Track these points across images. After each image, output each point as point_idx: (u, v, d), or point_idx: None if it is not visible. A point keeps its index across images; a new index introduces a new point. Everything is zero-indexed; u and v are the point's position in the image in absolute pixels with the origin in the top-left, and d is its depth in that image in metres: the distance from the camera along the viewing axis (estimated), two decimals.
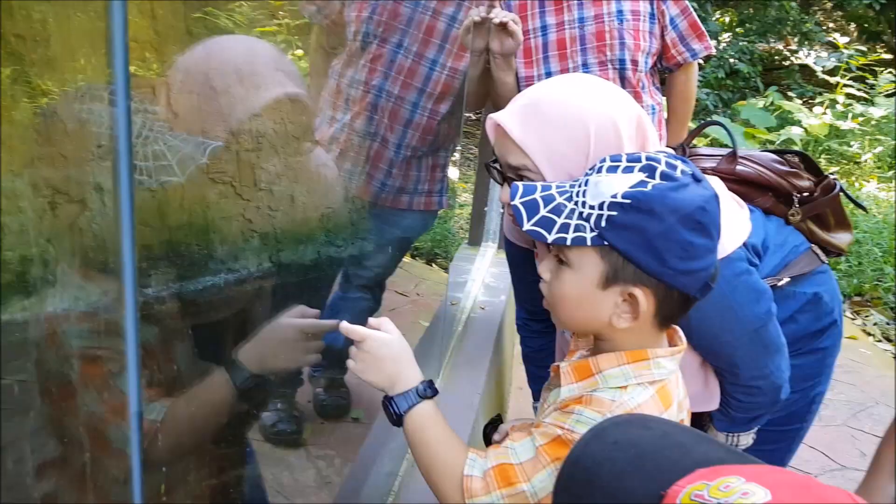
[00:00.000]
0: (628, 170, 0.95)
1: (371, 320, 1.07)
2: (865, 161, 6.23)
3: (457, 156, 5.21)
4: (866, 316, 4.13)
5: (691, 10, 2.15)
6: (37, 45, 0.89)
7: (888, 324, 4.05)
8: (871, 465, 1.24)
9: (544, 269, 1.03)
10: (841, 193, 1.45)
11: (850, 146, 6.38)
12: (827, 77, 7.01)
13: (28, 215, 0.89)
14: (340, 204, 1.75)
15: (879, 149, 6.23)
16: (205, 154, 1.04)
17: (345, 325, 1.06)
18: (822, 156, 6.35)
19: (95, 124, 0.93)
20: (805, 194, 1.41)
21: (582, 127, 1.09)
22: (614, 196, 0.93)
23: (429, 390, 1.05)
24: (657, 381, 0.99)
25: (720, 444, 0.77)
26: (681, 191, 0.93)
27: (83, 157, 0.95)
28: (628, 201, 0.92)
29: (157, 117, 0.99)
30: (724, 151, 1.46)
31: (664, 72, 2.26)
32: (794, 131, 6.30)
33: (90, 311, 0.92)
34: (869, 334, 3.94)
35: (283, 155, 1.21)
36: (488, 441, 1.20)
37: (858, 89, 6.81)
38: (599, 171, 0.97)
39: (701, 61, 2.41)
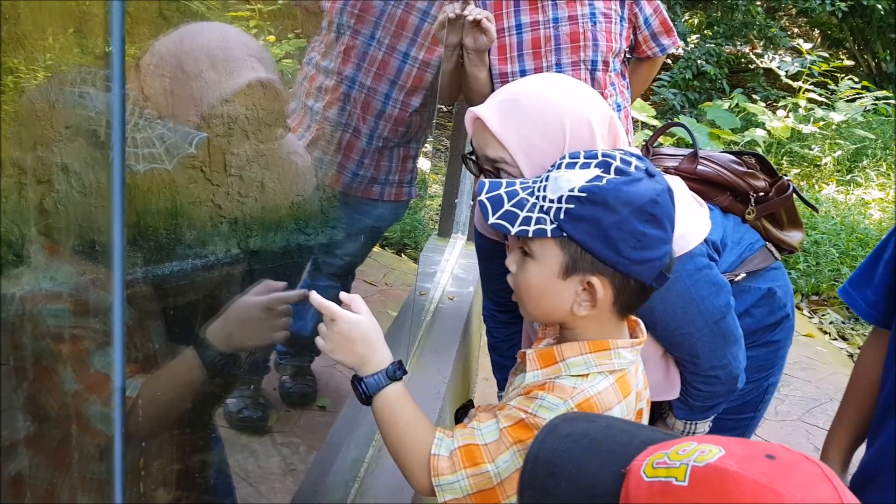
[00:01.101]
0: (585, 165, 1.00)
1: (343, 296, 1.09)
2: (825, 164, 6.39)
3: (429, 147, 5.22)
4: (823, 315, 4.26)
5: (662, 8, 2.22)
6: (5, 22, 0.88)
7: (843, 322, 4.18)
8: (821, 456, 1.31)
9: (511, 261, 1.07)
10: (794, 194, 1.51)
11: (811, 149, 6.54)
12: (790, 81, 7.16)
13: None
14: (312, 192, 1.76)
15: (838, 153, 6.40)
16: (193, 144, 1.06)
17: (315, 298, 1.07)
18: (784, 158, 6.50)
19: (66, 105, 0.94)
20: (761, 194, 1.47)
21: (558, 124, 1.14)
22: (571, 190, 0.98)
23: (399, 371, 1.08)
24: (617, 371, 1.04)
25: (659, 429, 0.82)
26: (634, 184, 0.98)
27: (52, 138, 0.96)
28: (584, 194, 0.97)
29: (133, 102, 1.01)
30: (686, 152, 1.51)
31: (630, 60, 2.33)
32: (758, 133, 6.44)
33: (68, 291, 0.93)
34: (825, 332, 4.06)
35: (254, 141, 1.22)
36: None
37: (820, 94, 6.98)
38: (559, 167, 1.02)
39: (669, 61, 2.48)
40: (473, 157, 1.23)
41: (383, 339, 1.09)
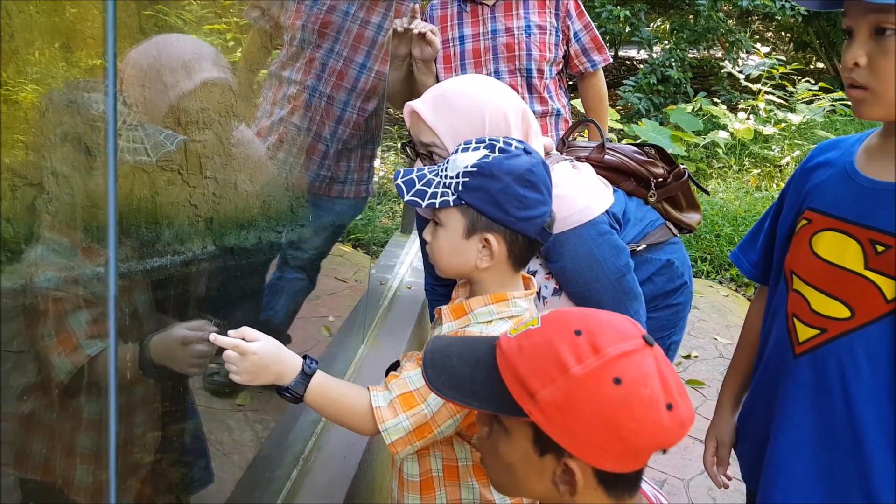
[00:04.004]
0: (476, 148, 1.25)
1: (232, 333, 1.18)
2: (786, 164, 6.67)
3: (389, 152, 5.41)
4: None
5: (593, 25, 2.46)
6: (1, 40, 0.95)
7: None
8: (717, 402, 1.52)
9: (427, 232, 1.31)
10: (689, 180, 1.75)
11: (772, 150, 6.80)
12: (749, 84, 7.43)
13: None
14: (278, 192, 1.95)
15: (797, 153, 6.67)
16: (173, 143, 1.22)
17: (217, 339, 1.16)
18: (747, 159, 6.76)
19: (57, 111, 1.11)
20: (660, 179, 1.71)
21: (479, 114, 1.40)
22: (466, 167, 1.22)
23: (313, 364, 1.21)
24: (514, 317, 1.27)
25: None
26: (513, 159, 1.23)
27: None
28: (475, 169, 1.22)
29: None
30: (595, 144, 1.75)
31: (572, 78, 2.55)
32: (721, 135, 6.71)
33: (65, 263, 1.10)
34: None
35: (214, 132, 1.39)
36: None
37: (778, 97, 7.25)
38: (457, 152, 1.26)
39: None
40: (411, 145, 1.47)
41: (284, 347, 1.21)
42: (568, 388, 0.85)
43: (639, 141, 6.02)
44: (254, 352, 1.15)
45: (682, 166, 1.75)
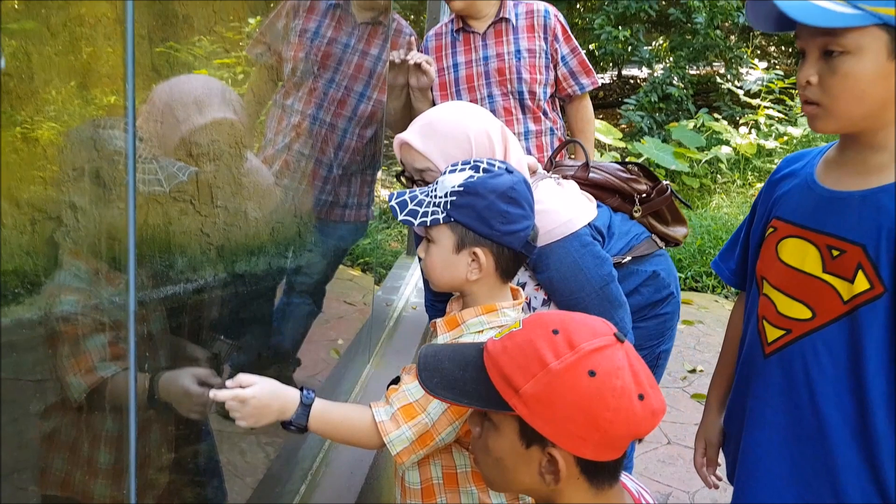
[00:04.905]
0: (462, 169, 1.35)
1: (230, 382, 1.24)
2: None
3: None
4: None
5: (580, 50, 2.55)
6: (21, 81, 1.01)
7: None
8: (705, 405, 1.59)
9: (420, 250, 1.39)
10: (672, 195, 1.83)
11: (775, 164, 6.82)
12: (749, 100, 7.50)
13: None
14: (284, 217, 2.03)
15: None
16: (185, 174, 1.31)
17: (217, 394, 1.21)
18: (750, 173, 6.81)
19: (75, 148, 1.16)
20: (643, 195, 1.79)
21: (465, 136, 1.52)
22: (453, 187, 1.30)
23: (310, 395, 1.26)
24: (504, 326, 1.34)
25: None
26: (496, 178, 1.32)
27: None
28: (462, 188, 1.31)
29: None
30: (580, 163, 1.83)
31: (562, 101, 2.64)
32: (724, 150, 6.76)
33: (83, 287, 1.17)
34: None
35: (224, 163, 1.48)
36: None
37: (778, 111, 7.31)
38: (445, 174, 1.34)
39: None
40: (405, 174, 1.56)
41: (277, 382, 1.26)
42: (548, 381, 0.94)
43: (626, 159, 6.11)
44: (252, 396, 1.21)
45: (664, 182, 1.83)
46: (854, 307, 1.17)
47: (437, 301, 1.97)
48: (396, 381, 1.56)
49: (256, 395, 1.22)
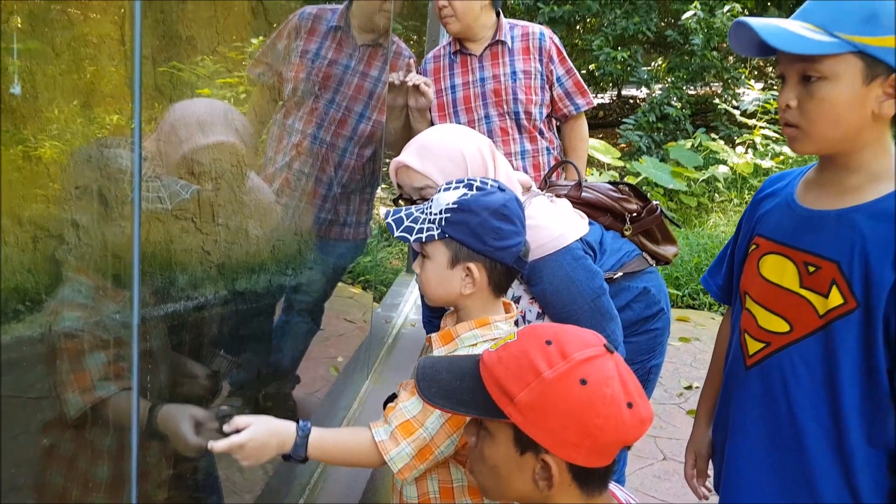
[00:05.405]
0: (456, 188, 1.39)
1: (227, 429, 1.27)
2: None
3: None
4: None
5: (575, 71, 2.60)
6: (24, 100, 1.02)
7: None
8: (695, 418, 1.62)
9: (416, 265, 1.43)
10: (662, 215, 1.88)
11: None
12: (745, 120, 7.57)
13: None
14: (285, 235, 2.06)
15: None
16: (188, 192, 1.34)
17: (215, 445, 1.24)
18: (747, 192, 6.85)
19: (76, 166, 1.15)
20: (634, 214, 1.83)
21: (459, 153, 1.58)
22: (448, 204, 1.35)
23: (306, 426, 1.29)
24: (498, 339, 1.37)
25: None
26: (489, 196, 1.36)
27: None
28: (456, 206, 1.35)
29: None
30: (573, 182, 1.88)
31: (559, 121, 2.69)
32: (721, 169, 6.82)
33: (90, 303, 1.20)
34: None
35: (226, 181, 1.51)
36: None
37: (774, 131, 7.38)
38: (439, 191, 1.38)
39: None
40: (403, 197, 1.61)
41: (272, 419, 1.29)
42: (541, 389, 0.99)
43: (624, 178, 6.16)
44: (248, 439, 1.24)
45: (654, 202, 1.87)
46: (829, 321, 1.21)
47: (434, 317, 2.01)
48: (393, 397, 1.59)
49: (252, 437, 1.25)
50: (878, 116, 1.16)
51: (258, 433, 1.26)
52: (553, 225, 1.63)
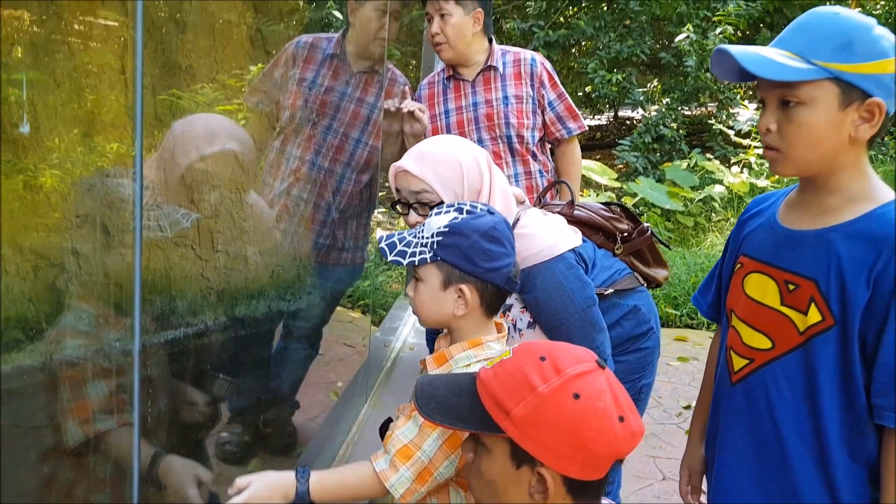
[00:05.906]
0: (447, 212, 1.43)
1: (230, 492, 1.30)
2: None
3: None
4: None
5: (567, 95, 2.65)
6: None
7: None
8: (689, 435, 1.64)
9: (409, 288, 1.46)
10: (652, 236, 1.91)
11: None
12: (740, 140, 7.64)
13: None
14: (284, 261, 2.08)
15: None
16: (188, 221, 1.36)
17: None
18: None
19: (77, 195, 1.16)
20: (625, 234, 1.86)
21: (456, 161, 1.64)
22: (439, 227, 1.38)
23: (306, 472, 1.34)
24: (490, 358, 1.40)
25: None
26: (479, 219, 1.40)
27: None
28: (447, 229, 1.39)
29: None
30: (566, 202, 1.91)
31: (551, 144, 2.74)
32: (717, 189, 6.88)
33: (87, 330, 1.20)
34: None
35: (225, 208, 1.54)
36: (384, 437, 1.56)
37: None
38: (431, 216, 1.41)
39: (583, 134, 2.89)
40: (399, 202, 1.65)
41: (271, 473, 1.33)
42: (536, 404, 1.03)
43: (621, 199, 6.20)
44: (250, 497, 1.28)
45: (645, 224, 1.91)
46: (808, 338, 1.25)
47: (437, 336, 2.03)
48: (389, 422, 1.61)
49: (254, 495, 1.28)
50: (854, 140, 1.20)
51: (260, 491, 1.29)
52: (546, 234, 1.68)
